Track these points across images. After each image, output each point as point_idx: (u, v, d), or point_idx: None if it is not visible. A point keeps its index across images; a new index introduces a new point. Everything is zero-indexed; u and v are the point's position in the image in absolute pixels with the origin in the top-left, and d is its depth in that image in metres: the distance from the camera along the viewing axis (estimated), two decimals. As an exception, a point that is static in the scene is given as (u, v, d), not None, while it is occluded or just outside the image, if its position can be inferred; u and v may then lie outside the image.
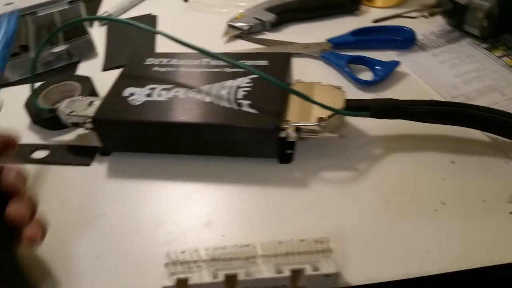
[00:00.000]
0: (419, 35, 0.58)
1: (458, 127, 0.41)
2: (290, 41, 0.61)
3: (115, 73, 0.51)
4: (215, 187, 0.43)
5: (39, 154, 0.49)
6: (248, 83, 0.45)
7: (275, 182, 0.42)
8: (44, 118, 0.51)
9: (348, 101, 0.43)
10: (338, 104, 0.42)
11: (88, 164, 0.48)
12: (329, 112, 0.41)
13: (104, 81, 0.51)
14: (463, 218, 0.37)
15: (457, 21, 0.56)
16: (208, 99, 0.44)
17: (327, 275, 0.32)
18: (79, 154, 0.49)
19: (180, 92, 0.45)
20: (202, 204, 0.42)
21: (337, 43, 0.58)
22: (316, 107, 0.41)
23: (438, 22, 0.59)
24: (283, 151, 0.44)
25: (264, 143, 0.43)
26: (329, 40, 0.58)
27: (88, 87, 0.54)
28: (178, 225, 0.40)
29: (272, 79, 0.40)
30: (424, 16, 0.56)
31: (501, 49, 0.54)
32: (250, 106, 0.42)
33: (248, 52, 0.50)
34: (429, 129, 0.43)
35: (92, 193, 0.45)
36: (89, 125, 0.46)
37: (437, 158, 0.42)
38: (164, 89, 0.46)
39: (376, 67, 0.52)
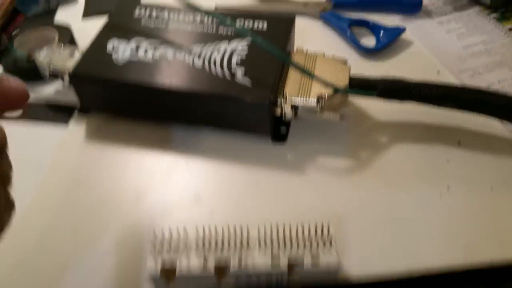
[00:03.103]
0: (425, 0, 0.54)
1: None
2: (288, -3, 0.56)
3: (96, 22, 0.47)
4: (203, 160, 0.40)
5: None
6: (244, 47, 0.40)
7: (267, 162, 0.39)
8: (20, 67, 0.47)
9: (353, 78, 0.39)
10: (342, 81, 0.38)
11: (66, 123, 0.44)
12: (331, 90, 0.38)
13: (84, 30, 0.46)
14: (469, 205, 0.35)
15: (466, -13, 0.53)
16: (198, 62, 0.40)
17: (328, 272, 0.29)
18: (56, 111, 0.46)
19: (169, 52, 0.41)
20: (189, 177, 0.39)
21: (339, 2, 0.54)
22: (316, 82, 0.38)
23: (446, -14, 0.56)
24: (277, 129, 0.41)
25: (257, 119, 0.39)
26: (331, -1, 0.54)
27: (66, 37, 0.50)
28: (163, 199, 0.37)
29: (273, 49, 0.36)
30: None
31: (511, 20, 0.51)
32: (245, 75, 0.38)
33: (248, 11, 0.45)
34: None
35: (69, 157, 0.41)
36: (67, 80, 0.42)
37: (445, 137, 0.40)
38: (151, 46, 0.42)
39: (381, 32, 0.49)
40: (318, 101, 0.37)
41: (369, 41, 0.50)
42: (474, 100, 0.37)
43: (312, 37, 0.51)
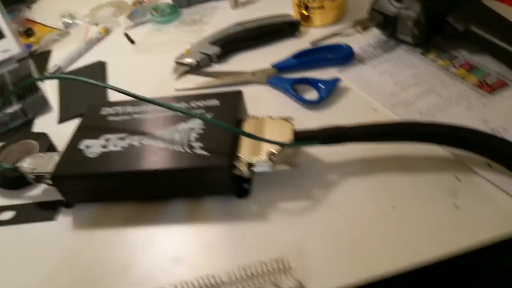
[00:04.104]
0: (357, 49, 0.60)
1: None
2: (237, 70, 0.63)
3: (71, 125, 0.52)
4: (179, 226, 0.44)
5: (5, 216, 0.50)
6: (200, 124, 0.46)
7: (235, 217, 0.44)
8: (8, 178, 0.52)
9: (297, 132, 0.44)
10: (287, 137, 0.44)
11: (53, 219, 0.49)
12: (278, 146, 0.43)
13: (61, 133, 0.52)
14: (413, 218, 0.40)
15: (390, 31, 0.59)
16: (161, 145, 0.45)
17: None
18: (44, 210, 0.50)
19: (135, 140, 0.46)
20: (168, 243, 0.43)
21: (282, 67, 0.60)
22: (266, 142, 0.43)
23: (374, 33, 0.62)
24: (240, 187, 0.46)
25: (220, 182, 0.44)
26: (274, 65, 0.61)
27: (45, 143, 0.55)
28: (147, 265, 0.42)
29: (219, 123, 0.42)
30: (358, 32, 0.58)
31: (434, 52, 0.57)
32: (202, 148, 0.43)
33: (200, 93, 0.51)
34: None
35: (61, 247, 0.45)
36: (49, 181, 0.47)
37: (385, 165, 0.45)
38: (119, 138, 0.47)
39: (320, 85, 0.55)
40: (269, 157, 0.42)
41: (312, 95, 0.56)
42: (402, 132, 0.43)
43: (262, 101, 0.57)
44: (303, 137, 0.44)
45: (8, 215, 0.50)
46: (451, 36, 0.55)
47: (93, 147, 0.47)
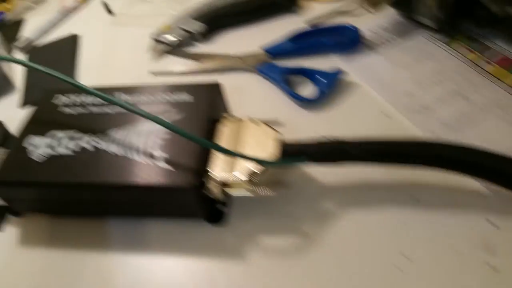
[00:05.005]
0: (366, 31, 0.50)
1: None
2: (224, 53, 0.53)
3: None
4: (137, 256, 0.37)
5: None
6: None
7: (204, 248, 0.36)
8: None
9: (285, 145, 0.35)
10: (271, 150, 0.34)
11: (-1, 229, 0.41)
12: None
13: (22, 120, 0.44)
14: (434, 278, 0.30)
15: (407, 11, 0.49)
16: (119, 150, 0.36)
17: None
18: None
19: (88, 142, 0.38)
20: (123, 278, 0.35)
21: (275, 52, 0.50)
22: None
23: (388, 12, 0.52)
24: (212, 210, 0.37)
25: (188, 203, 0.36)
26: (266, 50, 0.51)
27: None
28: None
29: (184, 132, 0.33)
30: (368, 10, 0.48)
31: (462, 41, 0.46)
32: (166, 159, 0.35)
33: (171, 84, 0.42)
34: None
35: (5, 265, 0.38)
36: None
37: (397, 195, 0.35)
38: (70, 138, 0.39)
39: (318, 78, 0.45)
40: (249, 178, 0.34)
41: (308, 89, 0.46)
42: (420, 156, 0.32)
43: (249, 93, 0.47)
44: (291, 152, 0.35)
45: None
46: (485, 21, 0.45)
47: (39, 147, 0.39)
